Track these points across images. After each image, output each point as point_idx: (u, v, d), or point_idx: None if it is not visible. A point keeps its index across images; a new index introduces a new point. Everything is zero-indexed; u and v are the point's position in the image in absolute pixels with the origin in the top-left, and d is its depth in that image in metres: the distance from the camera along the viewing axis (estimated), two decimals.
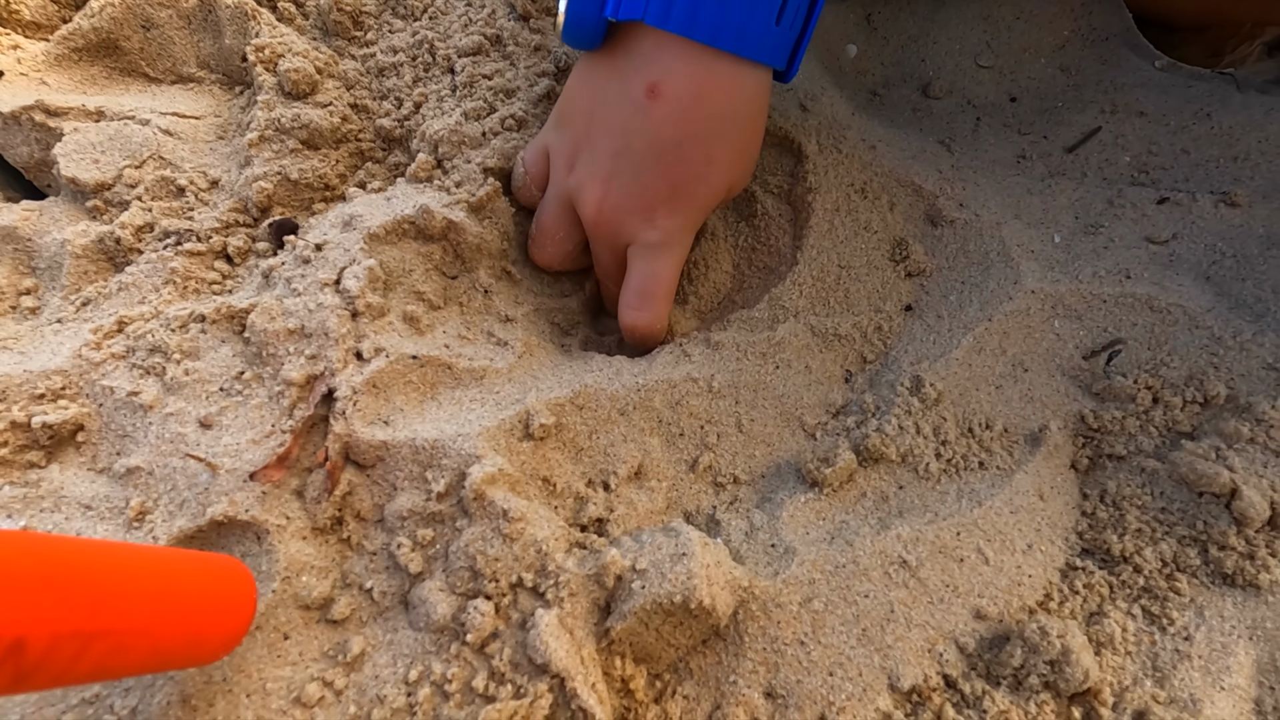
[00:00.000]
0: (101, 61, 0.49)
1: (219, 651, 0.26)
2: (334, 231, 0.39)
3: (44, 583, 0.17)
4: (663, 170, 0.38)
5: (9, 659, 0.16)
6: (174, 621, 0.23)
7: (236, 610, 0.26)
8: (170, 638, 0.23)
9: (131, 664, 0.21)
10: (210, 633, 0.25)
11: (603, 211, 0.40)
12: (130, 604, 0.20)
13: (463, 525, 0.31)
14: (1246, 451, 0.37)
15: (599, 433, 0.37)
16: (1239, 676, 0.32)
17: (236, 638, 0.26)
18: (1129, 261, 0.45)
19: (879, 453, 0.38)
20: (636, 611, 0.30)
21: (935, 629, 0.33)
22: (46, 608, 0.17)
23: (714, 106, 0.37)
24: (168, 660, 0.23)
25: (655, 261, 0.41)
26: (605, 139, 0.39)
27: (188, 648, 0.24)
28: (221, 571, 0.26)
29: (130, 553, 0.22)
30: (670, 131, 0.37)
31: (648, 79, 0.36)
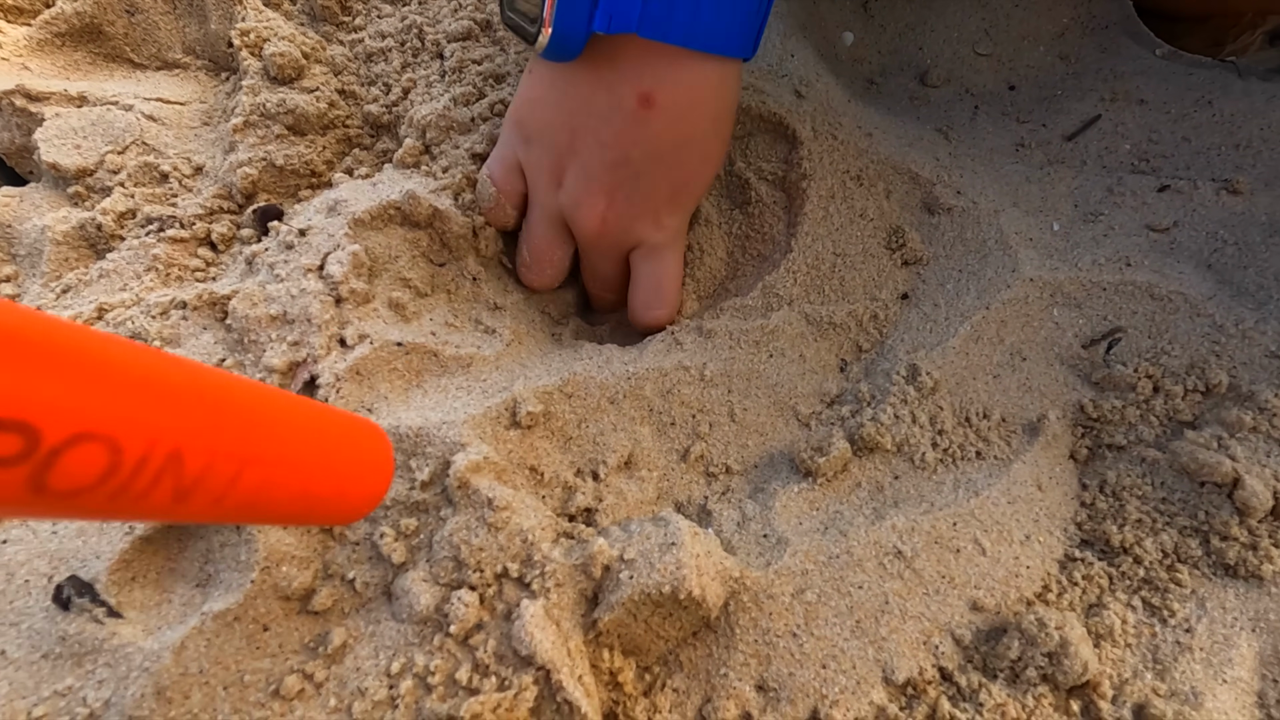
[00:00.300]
0: (85, 47, 0.48)
1: (360, 509, 0.25)
2: (319, 217, 0.38)
3: (200, 400, 0.18)
4: (664, 175, 0.38)
5: (169, 469, 0.16)
6: (321, 465, 0.23)
7: (377, 469, 0.26)
8: (317, 481, 0.23)
9: (282, 502, 0.21)
10: (353, 486, 0.24)
11: (607, 223, 0.39)
12: (281, 437, 0.21)
13: (447, 514, 0.31)
14: (1249, 441, 0.36)
15: (588, 421, 0.36)
16: (1241, 669, 0.31)
17: (376, 497, 0.26)
18: (1129, 249, 0.45)
19: (874, 442, 0.37)
20: (624, 602, 0.29)
21: (931, 621, 0.32)
22: (203, 424, 0.17)
23: (708, 108, 0.37)
24: (313, 508, 0.23)
25: (664, 260, 0.41)
26: (598, 150, 0.37)
27: (332, 497, 0.24)
28: (361, 430, 0.26)
29: (278, 393, 0.22)
30: (669, 137, 0.37)
31: (639, 89, 0.35)
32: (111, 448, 0.15)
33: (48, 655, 0.27)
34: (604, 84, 0.36)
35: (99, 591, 0.29)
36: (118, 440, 0.15)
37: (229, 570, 0.30)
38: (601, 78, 0.36)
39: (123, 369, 0.16)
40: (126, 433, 0.15)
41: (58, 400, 0.14)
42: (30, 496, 0.14)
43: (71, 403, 0.14)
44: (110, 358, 0.15)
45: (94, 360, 0.15)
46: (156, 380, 0.16)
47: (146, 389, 0.16)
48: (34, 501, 0.14)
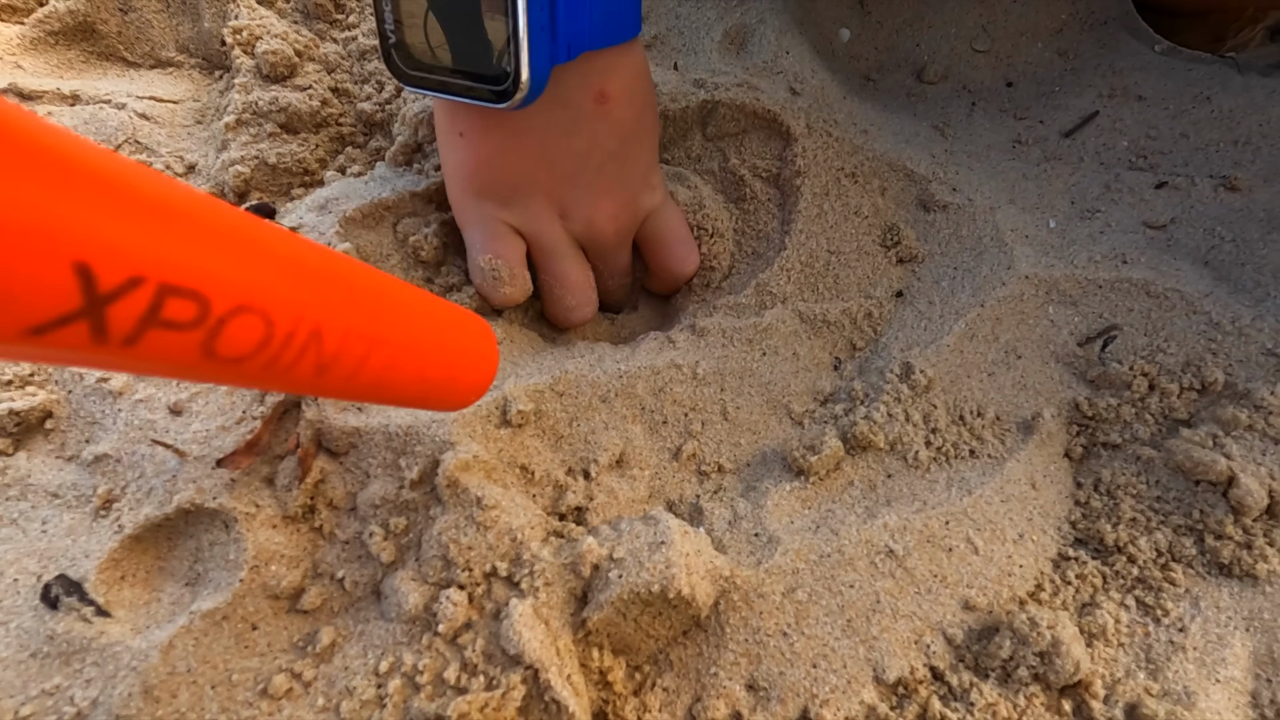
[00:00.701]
0: (79, 45, 0.48)
1: (470, 395, 0.27)
2: (310, 215, 0.38)
3: (336, 283, 0.19)
4: (638, 146, 0.39)
5: (312, 345, 0.18)
6: (436, 351, 0.24)
7: (484, 358, 0.27)
8: (434, 366, 0.24)
9: (403, 382, 0.23)
10: (464, 372, 0.26)
11: (619, 218, 0.40)
12: (405, 321, 0.22)
13: (436, 513, 0.31)
14: (1245, 439, 0.36)
15: (580, 420, 0.36)
16: (1235, 668, 0.31)
17: (483, 385, 0.27)
18: (1125, 246, 0.44)
19: (867, 440, 0.37)
20: (613, 601, 0.29)
21: (922, 620, 0.32)
22: (340, 306, 0.19)
23: (646, 77, 0.39)
24: (429, 391, 0.24)
25: (669, 213, 0.43)
26: (581, 161, 0.38)
27: (446, 380, 0.25)
28: (470, 322, 0.27)
29: (399, 283, 0.23)
30: (631, 115, 0.38)
31: (592, 91, 0.36)
32: (266, 321, 0.16)
33: (36, 654, 0.27)
34: (558, 102, 0.35)
35: (87, 590, 0.29)
36: (271, 315, 0.17)
37: (218, 569, 0.30)
38: (554, 97, 0.35)
39: (275, 250, 0.17)
40: (279, 308, 0.17)
41: (226, 274, 0.15)
42: (201, 360, 0.16)
43: (237, 277, 0.16)
44: (266, 240, 0.17)
45: (255, 241, 0.16)
46: (303, 263, 0.18)
47: (295, 271, 0.18)
48: (204, 365, 0.16)
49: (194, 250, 0.15)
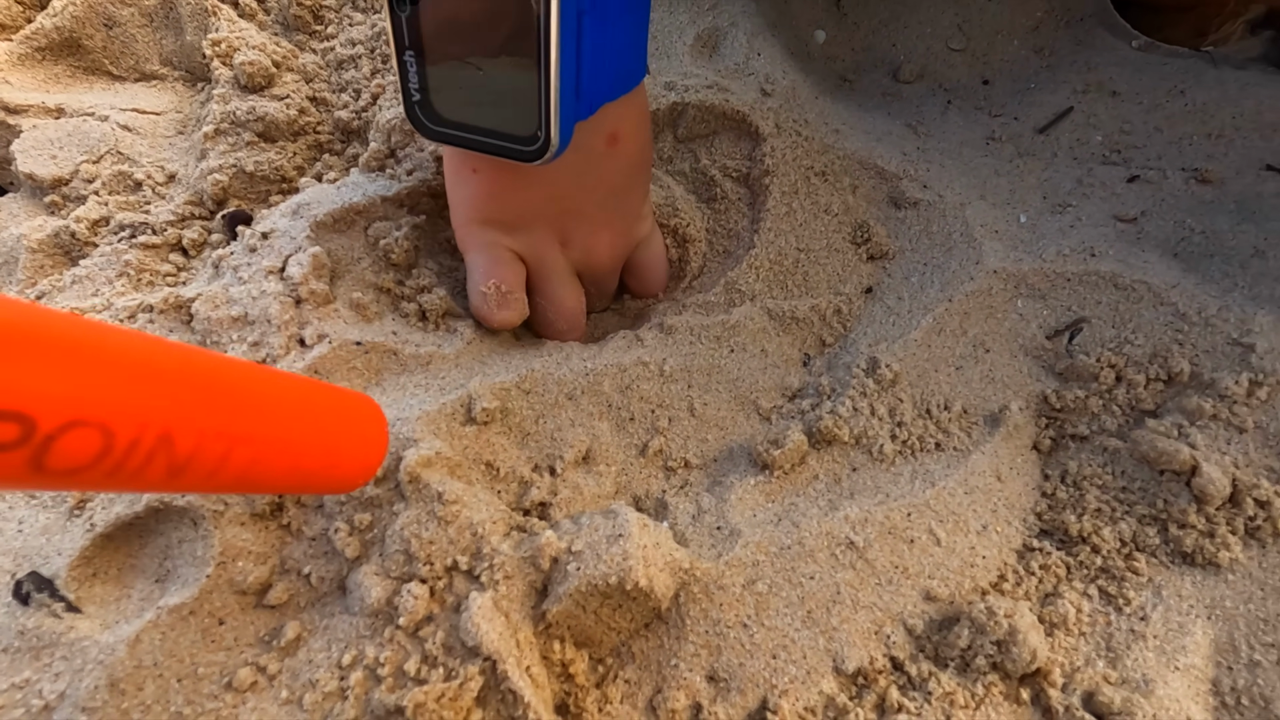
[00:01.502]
0: (65, 60, 0.49)
1: (355, 480, 0.27)
2: (283, 220, 0.39)
3: (189, 383, 0.19)
4: (637, 182, 0.41)
5: (161, 449, 0.17)
6: (313, 441, 0.24)
7: (370, 443, 0.27)
8: (309, 456, 0.23)
9: (274, 475, 0.22)
10: (346, 459, 0.25)
11: (614, 247, 0.42)
12: (270, 415, 0.21)
13: (399, 509, 0.31)
14: (1209, 428, 0.36)
15: (546, 417, 0.36)
16: (1195, 656, 0.31)
17: (370, 469, 0.27)
18: (1095, 239, 0.44)
19: (831, 434, 0.37)
20: (572, 594, 0.29)
21: (883, 611, 0.32)
22: (193, 407, 0.18)
23: (648, 116, 0.40)
24: (307, 480, 0.24)
25: (654, 241, 0.44)
26: (588, 196, 0.39)
27: (325, 469, 0.25)
28: (355, 404, 0.27)
29: (270, 372, 0.23)
30: (636, 155, 0.40)
31: (604, 134, 0.37)
32: (104, 432, 0.16)
33: (7, 649, 0.28)
34: (573, 146, 0.35)
35: (59, 587, 0.30)
36: (109, 425, 0.16)
37: (186, 565, 0.31)
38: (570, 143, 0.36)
39: (113, 358, 0.17)
40: (117, 418, 0.16)
41: (51, 391, 0.15)
42: (32, 475, 0.15)
43: (64, 393, 0.15)
44: (101, 347, 0.16)
45: (85, 350, 0.16)
46: (146, 367, 0.17)
47: (136, 376, 0.17)
48: (35, 478, 0.15)
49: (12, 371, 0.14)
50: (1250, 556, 0.33)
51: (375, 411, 0.28)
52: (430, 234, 0.42)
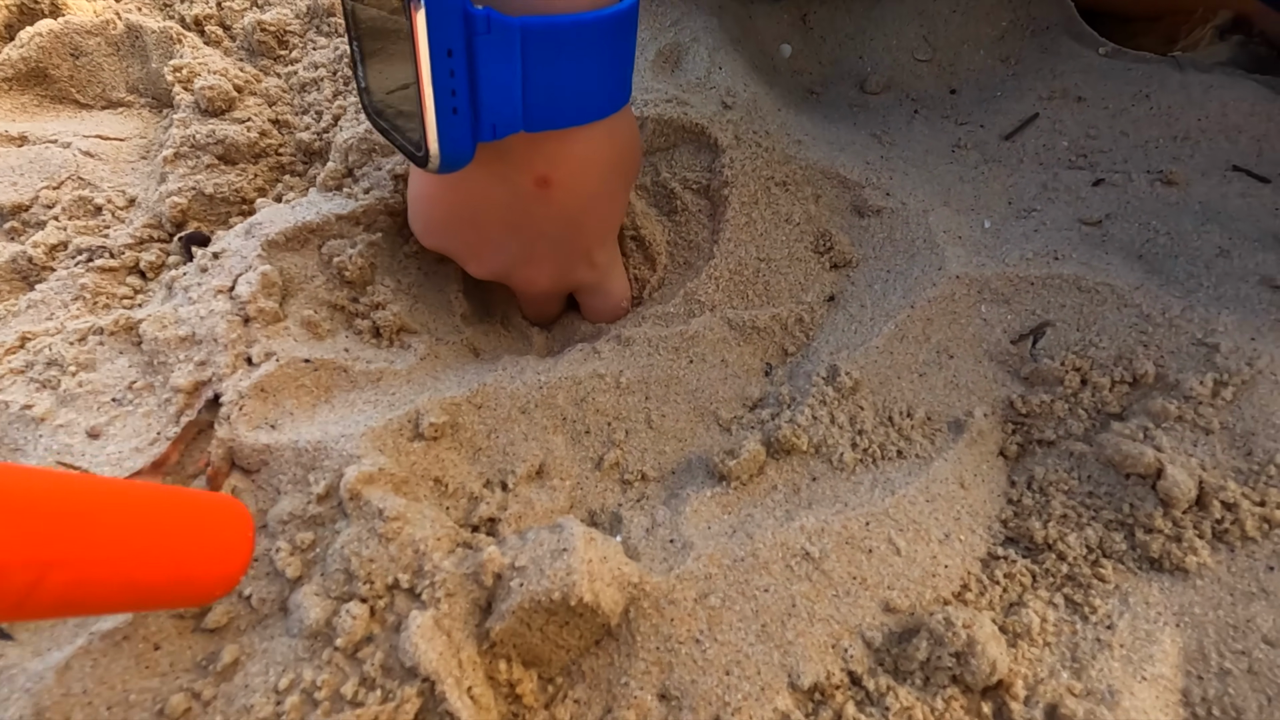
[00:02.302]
0: (32, 90, 0.50)
1: (213, 591, 0.25)
2: (235, 240, 0.39)
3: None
4: (579, 231, 0.39)
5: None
6: (152, 557, 0.22)
7: (229, 550, 0.25)
8: (149, 574, 0.22)
9: (107, 599, 0.21)
10: (198, 572, 0.24)
11: (537, 284, 0.41)
12: (93, 535, 0.20)
13: (341, 527, 0.31)
14: (1174, 430, 0.35)
15: (498, 431, 0.36)
16: (1163, 665, 0.30)
17: (231, 579, 0.26)
18: (1058, 243, 0.44)
19: (790, 444, 0.37)
20: (515, 610, 0.29)
21: (840, 623, 0.31)
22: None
23: (603, 162, 0.37)
24: (152, 599, 0.23)
25: (607, 289, 0.43)
26: (511, 234, 0.38)
27: (173, 586, 0.23)
28: (213, 510, 0.25)
29: (96, 484, 0.22)
30: (575, 204, 0.37)
31: (534, 175, 0.35)
32: None
33: None
34: (497, 176, 0.35)
35: None
36: None
37: None
38: (494, 171, 0.35)
39: None
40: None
41: None
42: None
43: None
44: None
45: None
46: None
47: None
48: None
49: None
50: (1219, 560, 0.32)
51: (239, 513, 0.26)
52: (387, 251, 0.42)
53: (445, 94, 0.29)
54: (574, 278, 0.41)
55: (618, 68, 0.34)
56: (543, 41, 0.30)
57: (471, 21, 0.28)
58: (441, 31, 0.28)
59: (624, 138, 0.38)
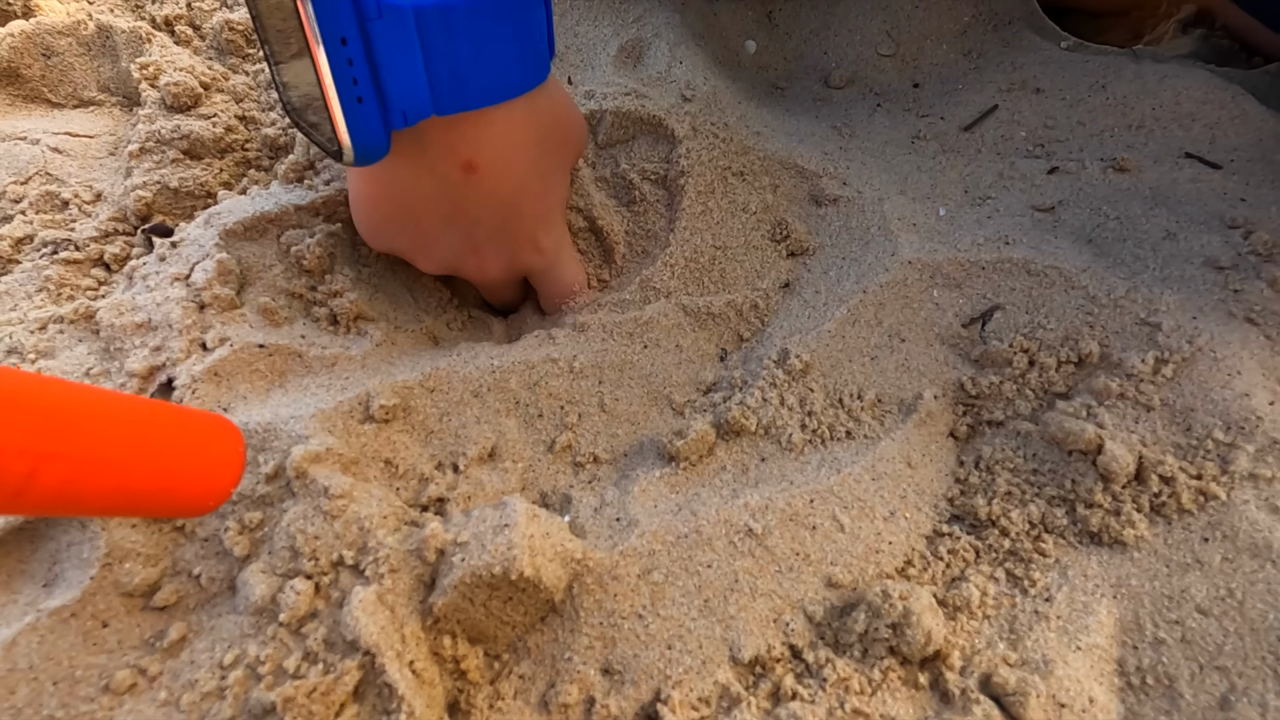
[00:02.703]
0: (4, 90, 0.51)
1: (205, 503, 0.26)
2: (195, 230, 0.39)
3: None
4: (517, 214, 0.39)
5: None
6: (143, 461, 0.23)
7: (221, 465, 0.26)
8: (139, 477, 0.23)
9: (98, 497, 0.22)
10: (190, 482, 0.25)
11: (488, 271, 0.41)
12: (86, 432, 0.21)
13: (288, 505, 0.31)
14: (1117, 408, 0.36)
15: (450, 415, 0.37)
16: (1098, 635, 0.31)
17: (222, 493, 0.26)
18: (1009, 229, 0.45)
19: (739, 425, 0.37)
20: (457, 585, 0.29)
21: (783, 598, 0.32)
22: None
23: (529, 140, 0.36)
24: (141, 503, 0.24)
25: (557, 273, 0.43)
26: (446, 225, 0.38)
27: (163, 492, 0.24)
28: (205, 426, 0.26)
29: (92, 390, 0.23)
30: (506, 186, 0.37)
31: (458, 161, 0.35)
32: None
33: None
34: (423, 167, 0.35)
35: None
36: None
37: (73, 568, 0.31)
38: (418, 163, 0.35)
39: None
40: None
41: None
42: None
43: None
44: None
45: None
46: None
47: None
48: None
49: None
50: (1156, 534, 0.33)
51: (231, 433, 0.27)
52: (347, 241, 0.43)
53: (346, 83, 0.29)
54: (522, 263, 0.41)
55: (525, 43, 0.33)
56: (438, 22, 0.30)
57: (362, 7, 0.28)
58: (331, 20, 0.28)
59: (549, 114, 0.37)
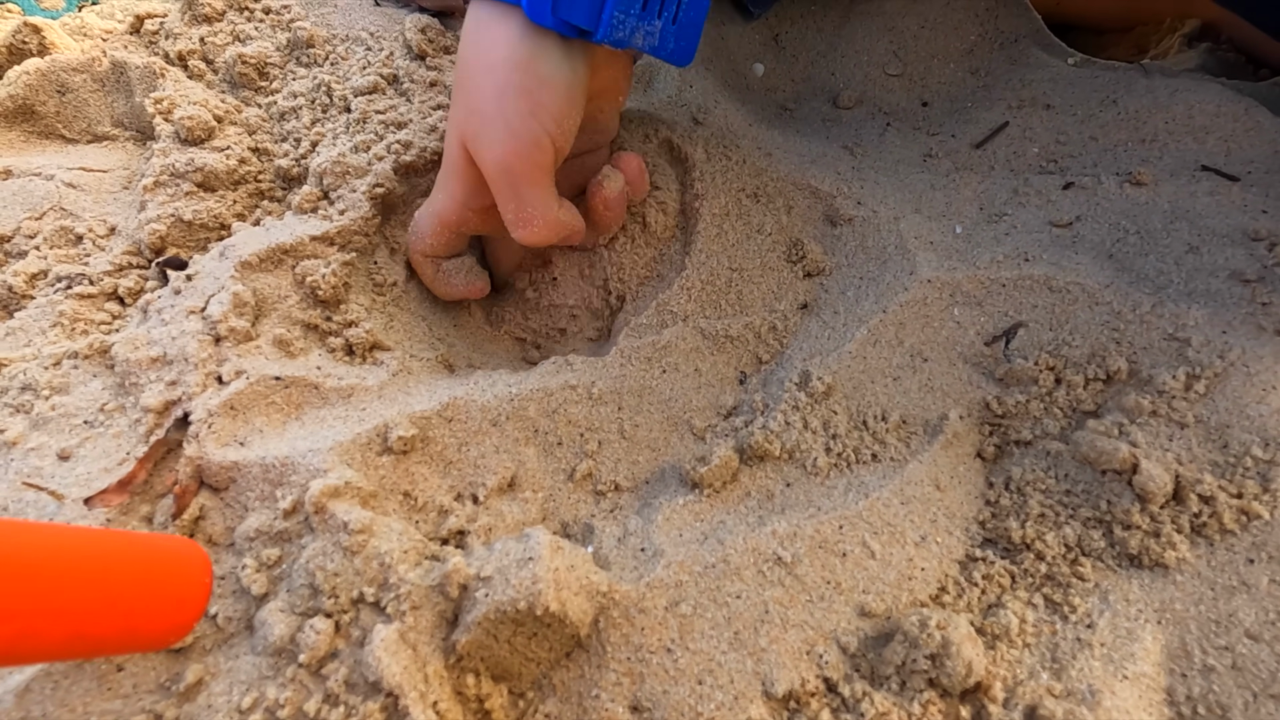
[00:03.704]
0: (19, 127, 0.51)
1: (165, 639, 0.25)
2: (209, 263, 0.39)
3: None
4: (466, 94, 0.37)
5: None
6: (102, 608, 0.22)
7: (184, 597, 0.25)
8: (98, 626, 0.22)
9: (54, 650, 0.21)
10: (150, 621, 0.24)
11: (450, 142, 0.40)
12: (37, 588, 0.20)
13: (307, 542, 0.30)
14: (1149, 425, 0.35)
15: (469, 445, 0.36)
16: (1145, 664, 0.29)
17: (184, 627, 0.26)
18: (1029, 245, 0.44)
19: (762, 450, 0.36)
20: (481, 621, 0.28)
21: (815, 629, 0.31)
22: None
23: (467, 47, 0.37)
24: (100, 648, 0.23)
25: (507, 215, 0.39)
26: None
27: (123, 636, 0.23)
28: (169, 555, 0.25)
29: (43, 533, 0.22)
30: (465, 67, 0.37)
31: None
32: None
33: None
34: None
35: None
36: None
37: None
38: None
39: None
40: None
41: None
42: None
43: None
44: None
45: None
46: None
47: None
48: None
49: None
50: (1198, 555, 0.32)
51: (195, 556, 0.26)
52: (361, 270, 0.42)
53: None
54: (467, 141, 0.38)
55: None
56: None
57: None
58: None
59: (502, 51, 0.36)
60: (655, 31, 0.38)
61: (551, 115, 0.36)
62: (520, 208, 0.37)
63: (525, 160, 0.36)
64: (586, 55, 0.37)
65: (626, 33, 0.36)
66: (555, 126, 0.36)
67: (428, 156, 0.46)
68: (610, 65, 0.40)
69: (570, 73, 0.36)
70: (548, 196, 0.37)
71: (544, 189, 0.37)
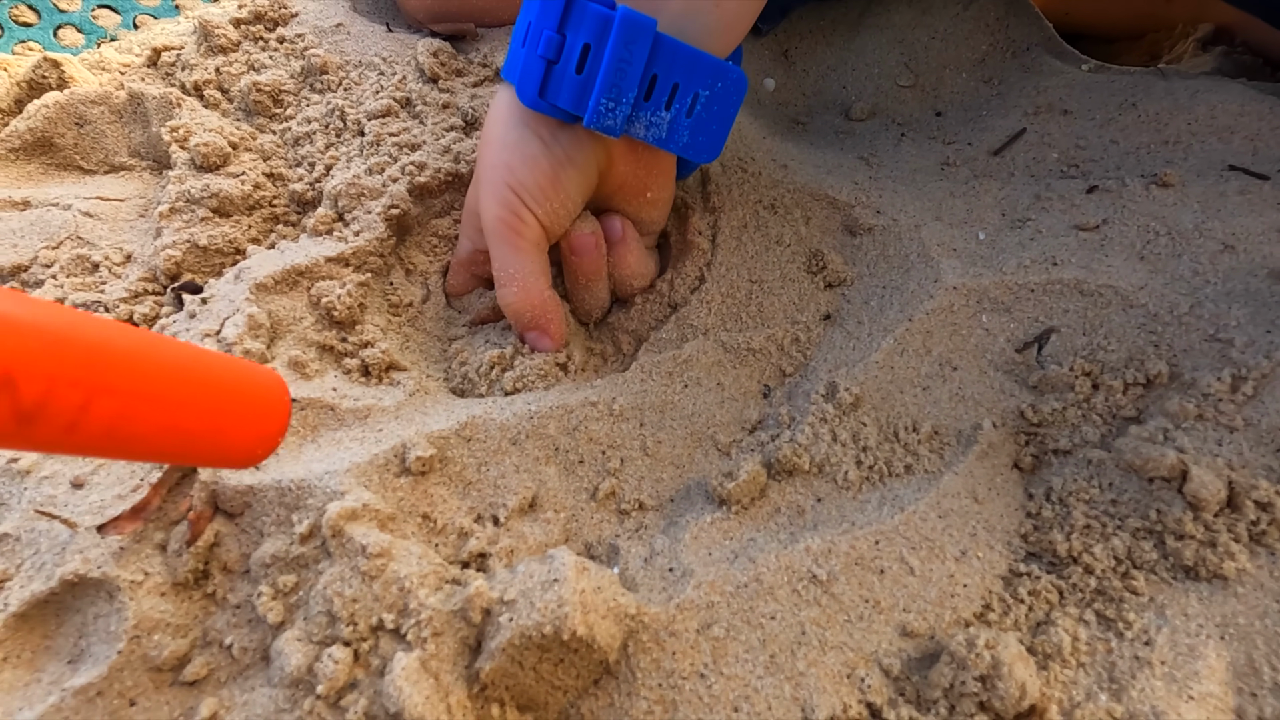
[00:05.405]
0: (38, 159, 0.51)
1: (253, 450, 0.26)
2: (225, 286, 0.39)
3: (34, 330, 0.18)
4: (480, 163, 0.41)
5: (3, 392, 0.17)
6: (194, 400, 0.23)
7: (267, 412, 0.26)
8: (191, 416, 0.23)
9: (147, 437, 0.22)
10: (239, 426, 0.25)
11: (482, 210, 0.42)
12: (140, 372, 0.21)
13: (324, 567, 0.29)
14: (1196, 430, 0.34)
15: (489, 465, 0.35)
16: (1210, 683, 0.28)
17: (271, 439, 0.27)
18: (1055, 249, 0.43)
19: (791, 464, 0.35)
20: (505, 648, 0.27)
21: (855, 650, 0.29)
22: (37, 351, 0.18)
23: (489, 113, 0.41)
24: (192, 445, 0.24)
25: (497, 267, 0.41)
26: None
27: (214, 434, 0.24)
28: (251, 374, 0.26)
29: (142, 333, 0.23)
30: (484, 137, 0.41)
31: None
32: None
33: None
34: None
35: None
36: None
37: (99, 643, 0.29)
38: None
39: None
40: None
41: None
42: None
43: None
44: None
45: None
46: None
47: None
48: None
49: None
50: (1259, 565, 0.30)
51: (276, 381, 0.27)
52: (377, 291, 0.42)
53: None
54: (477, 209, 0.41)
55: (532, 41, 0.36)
56: None
57: None
58: None
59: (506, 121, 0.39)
60: (663, 123, 0.36)
61: (531, 194, 0.38)
62: (501, 268, 0.39)
63: (506, 227, 0.38)
64: (593, 142, 0.38)
65: (619, 120, 0.35)
66: (538, 205, 0.38)
67: (441, 177, 0.46)
68: (630, 160, 0.39)
69: (561, 154, 0.38)
70: (530, 265, 0.39)
71: (525, 257, 0.39)
